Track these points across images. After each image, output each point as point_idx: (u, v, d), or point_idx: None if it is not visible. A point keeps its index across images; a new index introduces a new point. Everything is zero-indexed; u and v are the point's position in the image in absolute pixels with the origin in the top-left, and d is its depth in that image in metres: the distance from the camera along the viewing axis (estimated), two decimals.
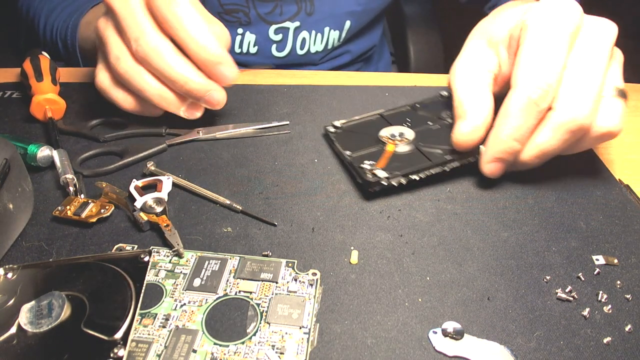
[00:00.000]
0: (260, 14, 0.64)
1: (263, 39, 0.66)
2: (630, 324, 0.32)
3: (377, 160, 0.42)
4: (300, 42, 0.67)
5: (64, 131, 0.48)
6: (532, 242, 0.38)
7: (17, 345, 0.27)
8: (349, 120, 0.49)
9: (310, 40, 0.67)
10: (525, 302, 0.33)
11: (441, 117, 0.47)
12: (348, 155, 0.43)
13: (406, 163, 0.41)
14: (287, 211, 0.40)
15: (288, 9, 0.64)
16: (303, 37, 0.67)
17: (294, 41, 0.67)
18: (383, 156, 0.42)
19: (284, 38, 0.66)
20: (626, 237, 0.38)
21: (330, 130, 0.47)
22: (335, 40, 0.69)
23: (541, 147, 0.38)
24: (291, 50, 0.68)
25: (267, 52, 0.68)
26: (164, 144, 0.46)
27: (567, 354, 0.30)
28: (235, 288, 0.33)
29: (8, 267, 0.32)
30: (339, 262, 0.35)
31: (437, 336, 0.31)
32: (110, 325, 0.28)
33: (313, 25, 0.66)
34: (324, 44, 0.69)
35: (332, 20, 0.67)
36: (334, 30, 0.68)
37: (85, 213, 0.37)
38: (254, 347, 0.29)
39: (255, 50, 0.67)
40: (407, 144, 0.44)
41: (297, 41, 0.67)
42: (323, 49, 0.69)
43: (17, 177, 0.37)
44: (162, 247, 0.35)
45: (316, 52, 0.69)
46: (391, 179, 0.40)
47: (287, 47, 0.67)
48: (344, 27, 0.68)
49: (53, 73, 0.51)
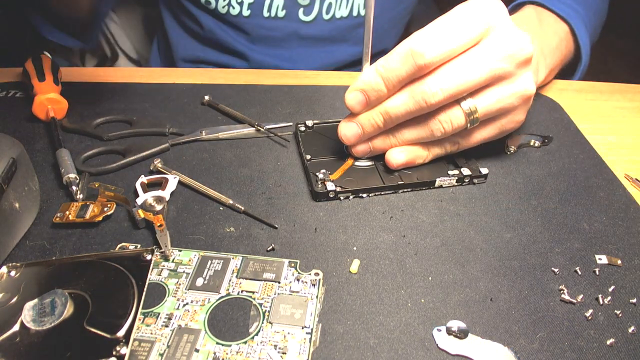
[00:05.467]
0: None
1: (291, 3, 0.68)
2: (634, 326, 0.32)
3: (334, 171, 0.42)
4: (327, 6, 0.69)
5: (67, 129, 0.48)
6: (535, 243, 0.37)
7: (20, 342, 0.27)
8: (322, 122, 0.49)
9: (336, 5, 0.69)
10: (528, 303, 0.33)
11: None
12: (307, 159, 0.44)
13: (360, 179, 0.42)
14: (289, 211, 0.40)
15: None
16: (330, 2, 0.69)
17: (321, 5, 0.69)
18: (340, 167, 0.43)
19: (312, 2, 0.68)
20: (629, 238, 0.38)
21: (300, 129, 0.48)
22: (360, 7, 0.71)
23: (388, 106, 0.39)
24: (317, 15, 0.70)
25: (294, 16, 0.69)
26: (167, 144, 0.46)
27: (570, 355, 0.30)
28: (237, 288, 0.33)
29: (11, 265, 0.32)
30: (342, 262, 0.35)
31: (441, 334, 0.31)
32: (113, 324, 0.28)
33: None
34: (348, 9, 0.70)
35: None
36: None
37: (89, 214, 0.37)
38: (256, 346, 0.29)
39: (283, 14, 0.69)
40: (367, 160, 0.44)
41: (324, 5, 0.69)
42: (348, 14, 0.71)
43: (24, 176, 0.38)
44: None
45: (341, 18, 0.71)
46: (339, 193, 0.40)
47: (314, 11, 0.69)
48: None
49: (55, 73, 0.51)
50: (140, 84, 0.56)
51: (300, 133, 0.47)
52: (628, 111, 0.56)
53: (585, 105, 0.57)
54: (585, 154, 0.47)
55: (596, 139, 0.50)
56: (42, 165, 0.43)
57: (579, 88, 0.60)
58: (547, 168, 0.45)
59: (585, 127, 0.52)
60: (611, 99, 0.58)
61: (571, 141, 0.49)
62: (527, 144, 0.48)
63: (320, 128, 0.48)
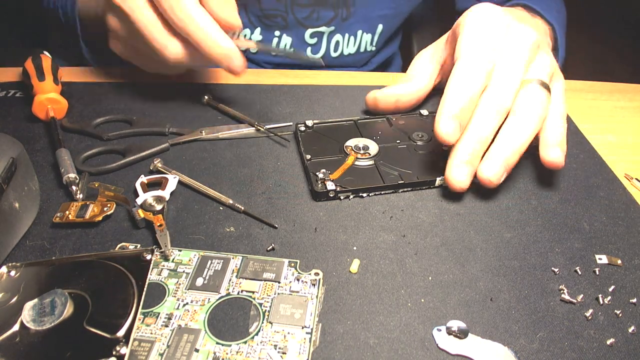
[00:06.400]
0: (298, 18, 0.66)
1: (299, 42, 0.68)
2: (634, 325, 0.32)
3: (334, 171, 0.42)
4: (334, 45, 0.70)
5: (67, 129, 0.48)
6: (535, 242, 0.37)
7: (20, 342, 0.27)
8: (322, 122, 0.49)
9: (344, 43, 0.70)
10: (528, 303, 0.33)
11: (411, 137, 0.47)
12: (307, 159, 0.44)
13: (360, 178, 0.42)
14: (289, 211, 0.40)
15: (325, 14, 0.67)
16: (337, 40, 0.70)
17: (328, 44, 0.70)
18: (340, 167, 0.43)
19: (319, 41, 0.69)
20: (630, 238, 0.38)
21: (300, 129, 0.48)
22: (368, 43, 0.72)
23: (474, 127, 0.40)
24: (325, 53, 0.70)
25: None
26: (167, 143, 0.46)
27: (570, 355, 0.30)
28: (237, 288, 0.33)
29: (11, 265, 0.32)
30: (342, 262, 0.35)
31: (441, 334, 0.31)
32: (113, 323, 0.28)
33: (346, 28, 0.69)
34: (356, 47, 0.71)
35: (366, 23, 0.70)
36: (366, 33, 0.71)
37: (89, 214, 0.37)
38: (256, 346, 0.29)
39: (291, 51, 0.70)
40: (368, 159, 0.44)
41: (331, 44, 0.70)
42: (355, 51, 0.72)
43: (24, 176, 0.37)
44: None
45: (349, 55, 0.72)
46: (339, 193, 0.40)
47: (322, 50, 0.70)
48: (377, 30, 0.71)
49: (55, 72, 0.51)
50: (140, 84, 0.56)
51: (300, 133, 0.47)
52: (628, 111, 0.56)
53: (585, 105, 0.57)
54: (585, 154, 0.48)
55: (596, 139, 0.50)
56: (42, 165, 0.43)
57: (579, 88, 0.60)
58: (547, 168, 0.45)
59: (585, 127, 0.52)
60: (611, 99, 0.58)
61: (571, 141, 0.49)
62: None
63: (320, 128, 0.48)
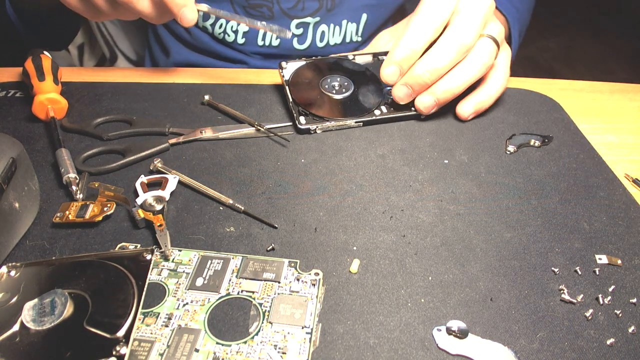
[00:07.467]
0: (283, 9, 0.67)
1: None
2: (634, 325, 0.32)
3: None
4: (320, 35, 0.71)
5: (67, 129, 0.48)
6: (535, 242, 0.37)
7: (20, 342, 0.27)
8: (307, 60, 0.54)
9: (329, 33, 0.71)
10: (529, 303, 0.33)
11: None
12: (291, 101, 0.50)
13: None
14: (289, 211, 0.40)
15: (310, 4, 0.68)
16: (322, 31, 0.71)
17: (314, 34, 0.70)
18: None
19: (305, 32, 0.70)
20: (629, 238, 0.38)
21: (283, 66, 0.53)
22: (353, 33, 0.72)
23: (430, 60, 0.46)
24: (311, 43, 0.71)
25: (288, 45, 0.71)
26: (167, 143, 0.46)
27: (570, 355, 0.30)
28: (237, 288, 0.33)
29: (11, 265, 0.32)
30: (342, 262, 0.35)
31: (441, 334, 0.31)
32: (113, 323, 0.28)
33: (331, 18, 0.70)
34: (342, 37, 0.72)
35: (350, 13, 0.71)
36: (351, 23, 0.71)
37: (89, 214, 0.37)
38: (256, 346, 0.29)
39: (277, 43, 0.71)
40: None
41: (317, 34, 0.71)
42: (341, 41, 0.73)
43: (24, 176, 0.37)
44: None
45: (335, 45, 0.72)
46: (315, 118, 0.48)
47: (308, 41, 0.71)
48: (361, 20, 0.72)
49: (55, 72, 0.51)
50: (140, 84, 0.56)
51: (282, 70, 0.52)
52: (628, 111, 0.56)
53: (585, 105, 0.57)
54: (585, 154, 0.48)
55: (596, 138, 0.50)
56: (42, 165, 0.43)
57: (579, 88, 0.60)
58: (547, 168, 0.45)
59: (585, 127, 0.52)
60: (611, 98, 0.58)
61: (571, 141, 0.49)
62: (527, 144, 0.48)
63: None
